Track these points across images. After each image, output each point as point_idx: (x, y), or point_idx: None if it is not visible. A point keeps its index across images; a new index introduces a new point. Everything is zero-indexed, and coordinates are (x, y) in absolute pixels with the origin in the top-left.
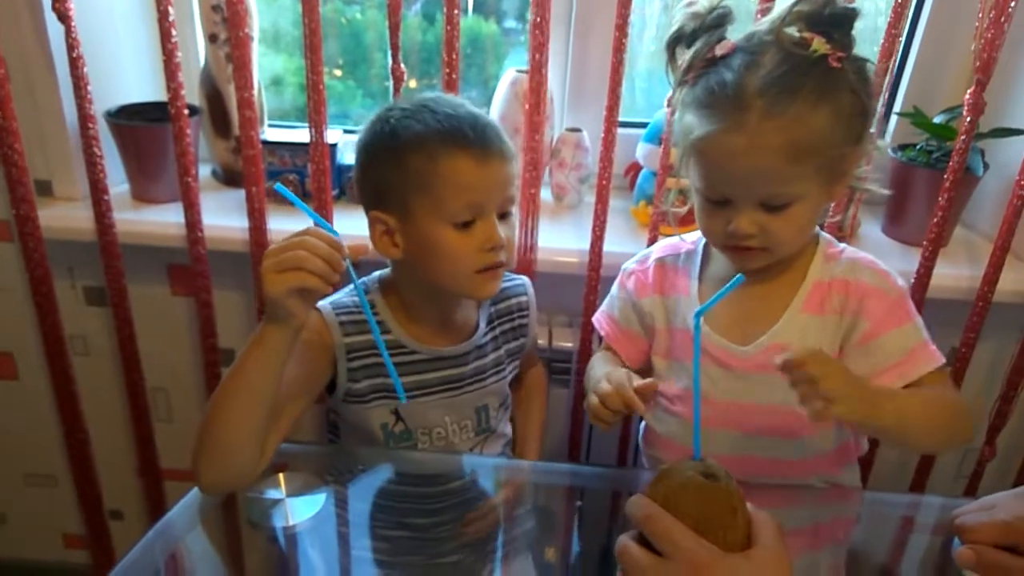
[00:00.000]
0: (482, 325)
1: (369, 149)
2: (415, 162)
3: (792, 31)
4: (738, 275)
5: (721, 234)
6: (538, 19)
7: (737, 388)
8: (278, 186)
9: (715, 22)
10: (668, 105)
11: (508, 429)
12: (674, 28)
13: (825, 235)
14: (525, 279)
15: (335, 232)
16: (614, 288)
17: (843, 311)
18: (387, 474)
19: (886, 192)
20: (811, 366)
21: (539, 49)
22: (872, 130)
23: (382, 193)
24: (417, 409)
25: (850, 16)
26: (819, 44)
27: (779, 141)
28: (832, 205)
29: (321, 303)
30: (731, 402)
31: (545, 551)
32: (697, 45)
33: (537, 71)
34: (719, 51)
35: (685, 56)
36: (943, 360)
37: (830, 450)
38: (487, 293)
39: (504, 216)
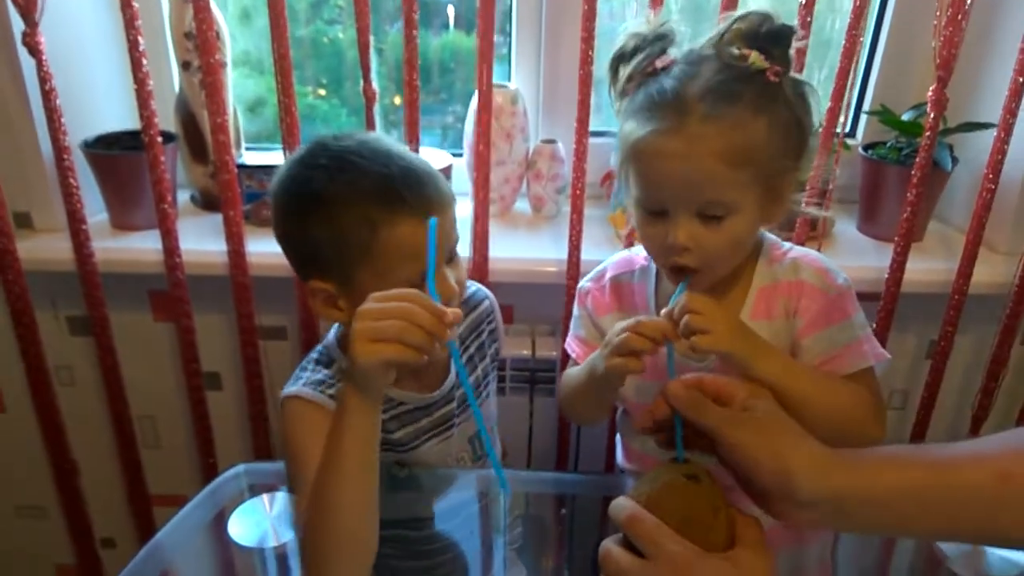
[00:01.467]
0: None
1: (293, 214)
2: (353, 233)
3: (731, 49)
4: (682, 283)
5: (659, 248)
6: (484, 31)
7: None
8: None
9: (656, 39)
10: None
11: (499, 445)
12: (616, 47)
13: (770, 237)
14: (478, 284)
15: (436, 295)
16: (575, 308)
17: (787, 313)
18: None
19: (829, 215)
20: (692, 302)
21: (485, 60)
22: (811, 149)
23: (316, 261)
24: (419, 458)
25: (787, 33)
26: (757, 59)
27: (718, 145)
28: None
29: (297, 391)
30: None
31: (536, 559)
32: (638, 59)
33: (485, 82)
34: (659, 64)
35: (626, 70)
36: (872, 361)
37: None
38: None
39: (451, 258)
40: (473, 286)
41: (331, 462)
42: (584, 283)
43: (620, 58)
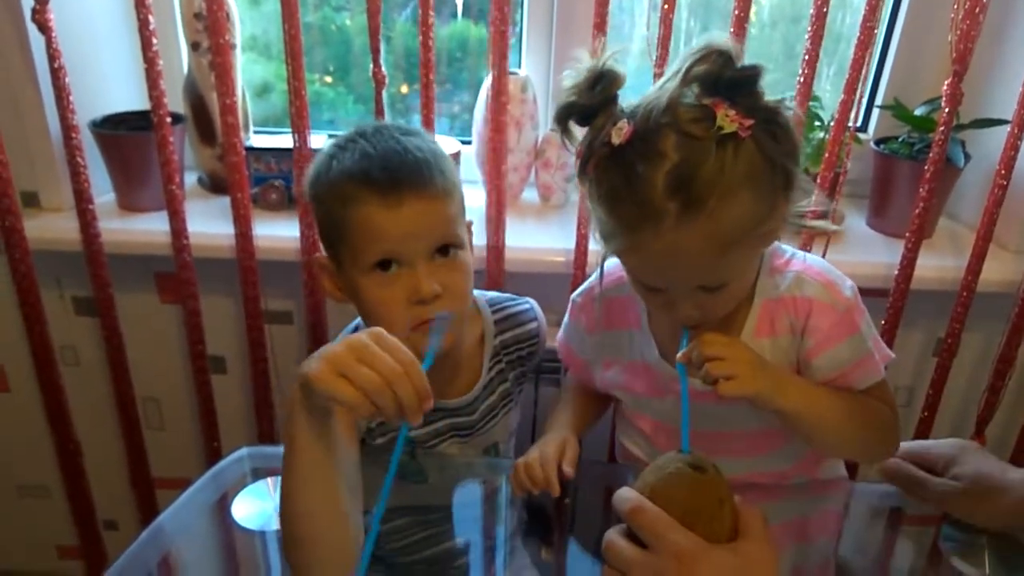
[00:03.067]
0: (486, 361)
1: (306, 189)
2: (332, 208)
3: (689, 97)
4: (684, 329)
5: (663, 311)
6: (498, 21)
7: (707, 419)
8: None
9: (604, 96)
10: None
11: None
12: (560, 104)
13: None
14: (532, 302)
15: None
16: (567, 318)
17: (793, 330)
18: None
19: (835, 228)
20: (708, 347)
21: (500, 50)
22: (800, 177)
23: (321, 237)
24: (430, 453)
25: (752, 76)
26: (723, 119)
27: (701, 242)
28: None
29: None
30: (703, 431)
31: (540, 549)
32: (591, 128)
33: (499, 73)
34: (616, 139)
35: (580, 136)
36: (882, 374)
37: (806, 454)
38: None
39: (447, 256)
40: (526, 303)
41: (287, 466)
42: (576, 296)
43: (568, 114)
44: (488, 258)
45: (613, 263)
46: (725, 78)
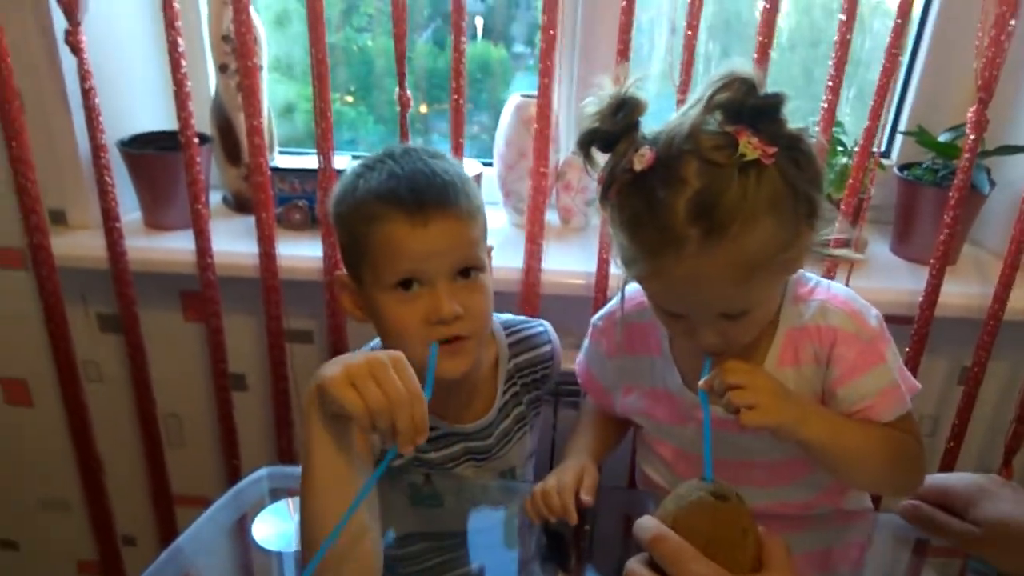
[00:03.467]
0: (500, 384)
1: (331, 207)
2: (356, 226)
3: (712, 125)
4: (707, 357)
5: (685, 338)
6: (545, 46)
7: (730, 448)
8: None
9: (626, 123)
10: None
11: (531, 476)
12: (584, 131)
13: (796, 273)
14: (546, 324)
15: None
16: (587, 341)
17: (817, 360)
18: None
19: (859, 257)
20: (730, 375)
21: (547, 75)
22: (824, 206)
23: (343, 255)
24: (444, 477)
25: (775, 104)
26: (746, 146)
27: (723, 269)
28: (837, 221)
29: None
30: (726, 460)
31: (558, 575)
32: (613, 154)
33: (545, 97)
34: (638, 165)
35: (603, 162)
36: (908, 406)
37: (830, 485)
38: (445, 373)
39: (468, 278)
40: (540, 326)
41: (305, 469)
42: (597, 320)
43: (591, 141)
44: (524, 281)
45: (634, 288)
46: (748, 106)
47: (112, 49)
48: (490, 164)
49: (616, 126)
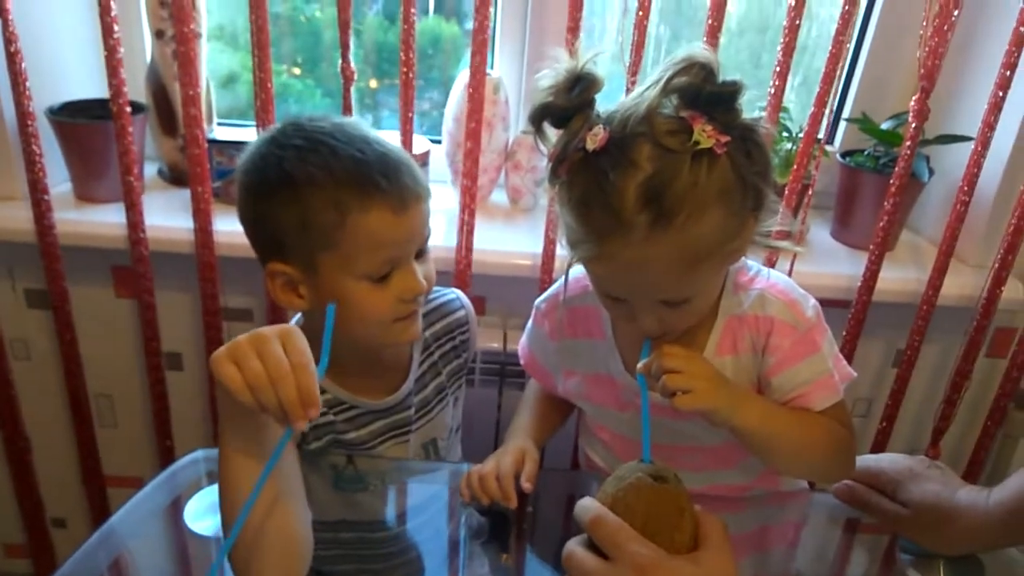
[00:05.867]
0: (416, 356)
1: (259, 193)
2: (320, 217)
3: (668, 109)
4: (646, 340)
5: (625, 321)
6: (479, 24)
7: (668, 433)
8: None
9: (581, 100)
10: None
11: (459, 451)
12: (536, 104)
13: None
14: (457, 292)
15: (324, 366)
16: (531, 323)
17: (755, 348)
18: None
19: (799, 249)
20: (667, 360)
21: (480, 52)
22: (770, 197)
23: (279, 244)
24: (368, 459)
25: (732, 92)
26: (700, 134)
27: (669, 256)
28: (780, 211)
29: None
30: (661, 445)
31: (500, 555)
32: (566, 131)
33: (479, 75)
34: (591, 144)
35: (555, 138)
36: (841, 395)
37: (766, 469)
38: (407, 339)
39: (421, 252)
40: (452, 293)
41: (220, 460)
42: (540, 302)
43: (542, 115)
44: (457, 258)
45: (578, 271)
46: (705, 92)
47: (40, 11)
48: (439, 142)
49: (571, 102)
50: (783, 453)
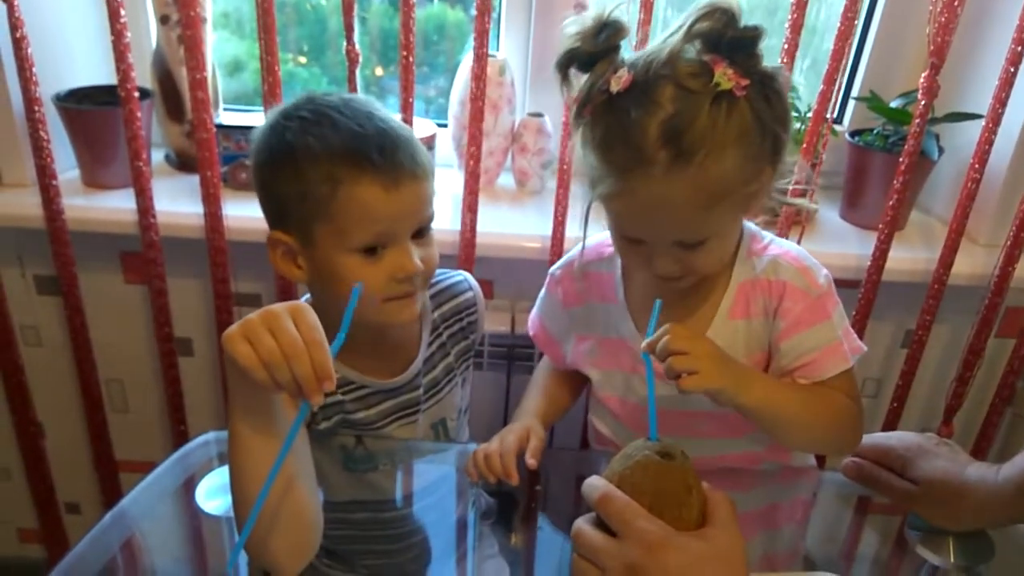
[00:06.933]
0: (425, 336)
1: (265, 164)
2: (315, 187)
3: (690, 53)
4: (657, 301)
5: (641, 267)
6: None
7: (678, 397)
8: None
9: (608, 45)
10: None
11: (467, 433)
12: (563, 50)
13: (751, 227)
14: (465, 274)
15: (335, 350)
16: (543, 292)
17: (766, 313)
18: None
19: (814, 206)
20: (673, 342)
21: (482, 34)
22: (788, 146)
23: (281, 213)
24: (377, 439)
25: (754, 37)
26: (721, 76)
27: (687, 193)
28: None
29: None
30: (673, 411)
31: (509, 536)
32: (592, 74)
33: (481, 59)
34: (615, 86)
35: (580, 83)
36: (851, 363)
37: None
38: (399, 320)
39: (422, 233)
40: (459, 275)
41: (230, 440)
42: (555, 270)
43: (570, 61)
44: (462, 239)
45: (593, 240)
46: (727, 37)
47: None
48: (445, 125)
49: (597, 47)
50: (789, 428)
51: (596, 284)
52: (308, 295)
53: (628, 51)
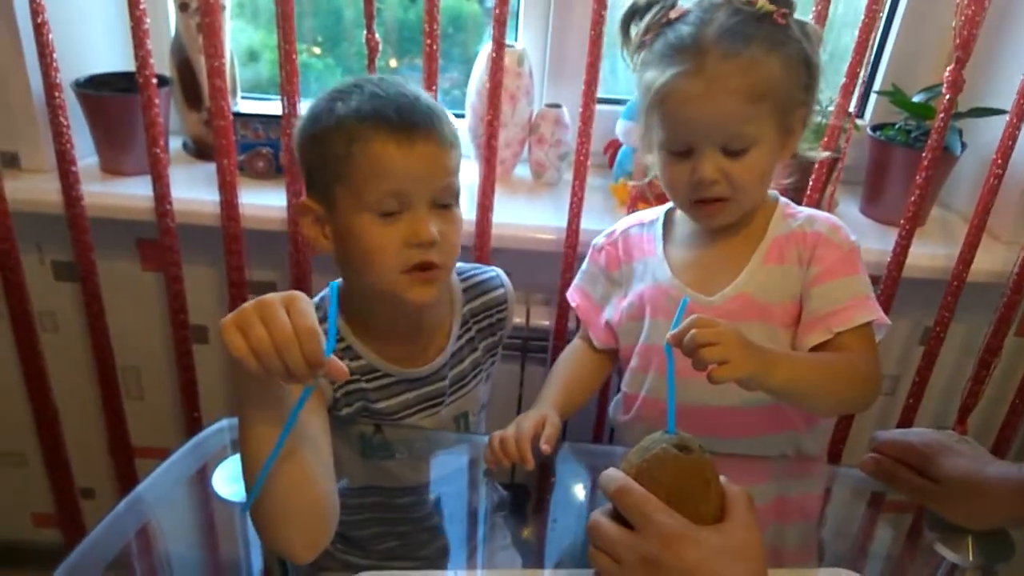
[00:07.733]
0: (455, 328)
1: (300, 132)
2: (334, 146)
3: None
4: (684, 299)
5: (686, 186)
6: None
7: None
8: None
9: None
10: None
11: (483, 427)
12: (627, 7)
13: (784, 199)
14: (499, 271)
15: (333, 342)
16: (585, 263)
17: (800, 261)
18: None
19: (835, 155)
20: (701, 335)
21: (501, 26)
22: (818, 87)
23: (310, 179)
24: (395, 428)
25: None
26: (764, 3)
27: (737, 82)
28: (811, 182)
29: None
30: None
31: (522, 529)
32: (652, 12)
33: (499, 48)
34: (673, 14)
35: (640, 26)
36: (875, 315)
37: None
38: (416, 298)
39: (444, 208)
40: (492, 271)
41: (239, 426)
42: (598, 240)
43: (632, 15)
44: (477, 230)
45: (627, 218)
46: None
47: None
48: (462, 116)
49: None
50: (815, 398)
51: (636, 244)
52: (324, 290)
53: None
